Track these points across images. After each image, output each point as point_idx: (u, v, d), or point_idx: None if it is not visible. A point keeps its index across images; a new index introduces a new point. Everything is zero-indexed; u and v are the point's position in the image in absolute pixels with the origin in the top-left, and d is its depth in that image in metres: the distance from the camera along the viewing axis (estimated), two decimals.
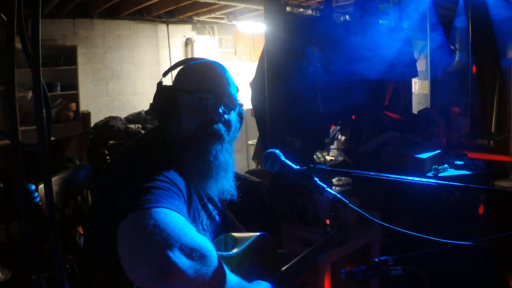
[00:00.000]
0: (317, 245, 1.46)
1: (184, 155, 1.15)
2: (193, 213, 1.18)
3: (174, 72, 1.32)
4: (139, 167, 1.04)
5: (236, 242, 1.16)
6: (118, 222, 0.89)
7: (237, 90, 1.26)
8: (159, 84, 1.23)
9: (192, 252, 0.87)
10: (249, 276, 1.11)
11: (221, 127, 1.19)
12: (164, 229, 0.86)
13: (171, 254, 0.84)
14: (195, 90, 1.18)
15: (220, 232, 1.27)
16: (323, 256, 1.48)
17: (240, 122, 1.30)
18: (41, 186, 1.46)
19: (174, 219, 0.91)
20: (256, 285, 1.09)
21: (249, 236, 1.18)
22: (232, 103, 1.22)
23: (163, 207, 0.92)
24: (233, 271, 1.01)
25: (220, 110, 1.18)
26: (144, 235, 0.85)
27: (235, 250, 1.11)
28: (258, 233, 1.19)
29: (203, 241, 0.92)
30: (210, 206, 1.30)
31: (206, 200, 1.29)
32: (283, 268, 1.28)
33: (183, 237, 0.88)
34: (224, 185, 1.23)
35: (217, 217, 1.31)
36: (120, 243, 0.87)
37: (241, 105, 1.29)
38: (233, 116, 1.24)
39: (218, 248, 1.14)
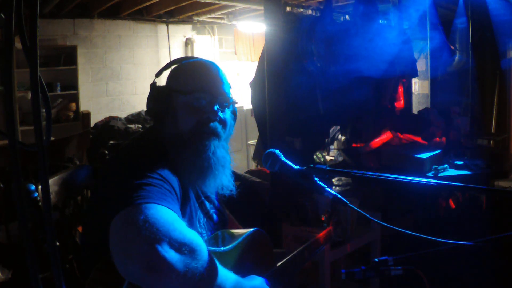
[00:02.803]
0: (313, 240, 1.46)
1: (181, 154, 1.16)
2: (190, 211, 1.18)
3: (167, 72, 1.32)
4: (133, 166, 1.05)
5: (233, 237, 1.16)
6: (111, 218, 0.90)
7: (230, 88, 1.27)
8: (153, 84, 1.23)
9: (181, 247, 0.88)
10: (243, 272, 1.11)
11: (217, 125, 1.20)
12: (154, 224, 0.87)
13: (160, 249, 0.84)
14: (190, 90, 1.18)
15: (217, 230, 1.27)
16: (319, 252, 1.48)
17: (234, 119, 1.32)
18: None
19: (164, 214, 0.91)
20: (250, 280, 1.10)
21: (244, 232, 1.18)
22: (226, 102, 1.23)
23: (154, 203, 0.92)
24: (227, 266, 1.01)
25: (215, 109, 1.19)
26: (134, 230, 0.86)
27: (228, 246, 1.11)
28: (252, 229, 1.20)
29: (193, 236, 0.93)
30: (208, 204, 1.31)
31: (203, 198, 1.29)
32: (278, 264, 1.28)
33: (173, 231, 0.88)
34: (223, 181, 1.23)
35: (214, 215, 1.32)
36: (111, 238, 0.88)
37: (235, 103, 1.30)
38: (228, 114, 1.25)
39: (214, 243, 1.15)
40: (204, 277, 0.90)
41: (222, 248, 1.10)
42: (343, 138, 4.07)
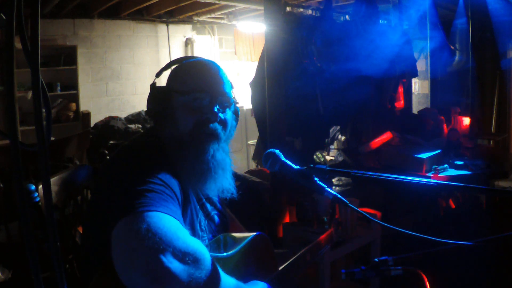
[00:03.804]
0: (315, 243, 1.45)
1: (181, 156, 1.14)
2: (190, 214, 1.17)
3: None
4: (133, 169, 1.03)
5: (236, 241, 1.16)
6: (112, 225, 0.89)
7: (232, 88, 1.25)
8: (153, 85, 1.22)
9: (185, 256, 0.87)
10: (246, 277, 1.11)
11: (217, 126, 1.18)
12: (157, 233, 0.86)
13: (163, 259, 0.84)
14: (189, 90, 1.16)
15: (219, 233, 1.26)
16: (322, 254, 1.47)
17: (236, 120, 1.29)
18: (41, 186, 1.46)
19: (167, 223, 0.90)
20: (252, 286, 1.09)
21: (246, 236, 1.17)
22: (227, 102, 1.21)
23: (157, 211, 0.91)
24: (229, 272, 1.00)
25: (215, 109, 1.17)
26: (137, 239, 0.85)
27: (230, 251, 1.11)
28: (254, 233, 1.19)
29: (196, 245, 0.92)
30: (209, 206, 1.30)
31: (204, 200, 1.28)
32: (281, 268, 1.28)
33: (176, 241, 0.87)
34: (223, 184, 1.22)
35: (216, 217, 1.31)
36: (114, 247, 0.87)
37: (236, 103, 1.28)
38: (228, 114, 1.23)
39: (216, 247, 1.14)
40: (208, 286, 0.89)
41: (224, 254, 1.09)
42: (343, 138, 4.07)
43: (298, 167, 1.06)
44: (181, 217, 0.99)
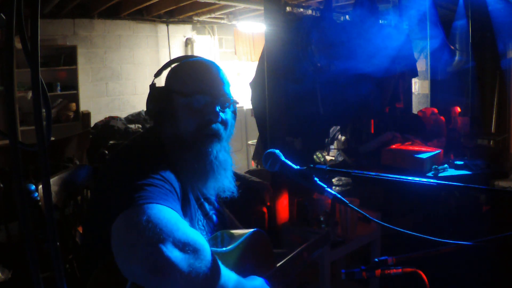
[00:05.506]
0: (312, 241, 1.46)
1: (181, 156, 1.15)
2: (189, 213, 1.18)
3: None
4: (133, 166, 1.04)
5: (232, 238, 1.16)
6: (113, 219, 0.90)
7: (230, 86, 1.26)
8: (152, 85, 1.22)
9: (185, 246, 0.87)
10: (243, 272, 1.11)
11: (219, 126, 1.19)
12: (157, 224, 0.87)
13: (164, 249, 0.84)
14: (190, 92, 1.17)
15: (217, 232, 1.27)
16: (318, 253, 1.48)
17: (235, 118, 1.31)
18: (41, 186, 1.46)
19: (167, 214, 0.91)
20: (250, 280, 1.09)
21: (244, 233, 1.18)
22: (227, 102, 1.22)
23: (156, 203, 0.92)
24: (227, 267, 1.00)
25: (217, 110, 1.18)
26: (137, 230, 0.86)
27: (228, 247, 1.11)
28: (252, 230, 1.19)
29: (196, 236, 0.92)
30: (207, 206, 1.30)
31: (202, 199, 1.29)
32: (278, 265, 1.28)
33: (176, 231, 0.88)
34: (224, 184, 1.23)
35: (214, 217, 1.31)
36: (114, 240, 0.88)
37: (236, 103, 1.29)
38: (229, 114, 1.25)
39: (214, 243, 1.14)
40: (208, 277, 0.90)
41: (223, 249, 1.10)
42: (343, 138, 4.07)
43: (298, 167, 1.06)
44: (181, 211, 1.00)
